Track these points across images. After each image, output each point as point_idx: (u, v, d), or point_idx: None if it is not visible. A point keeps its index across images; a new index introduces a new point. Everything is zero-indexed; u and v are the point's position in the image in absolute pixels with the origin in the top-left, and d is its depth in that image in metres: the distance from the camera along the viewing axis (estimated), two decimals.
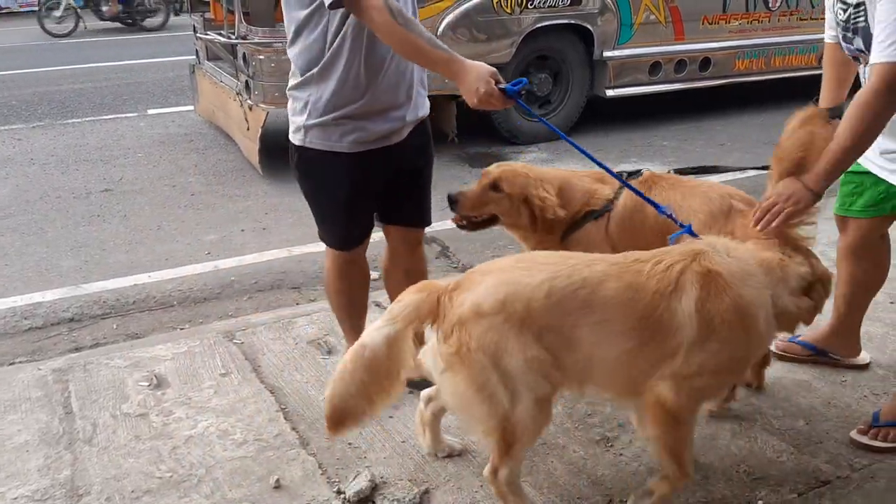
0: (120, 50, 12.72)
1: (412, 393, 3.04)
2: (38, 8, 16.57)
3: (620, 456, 2.68)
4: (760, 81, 8.09)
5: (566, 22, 6.95)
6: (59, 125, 7.96)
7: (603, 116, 7.64)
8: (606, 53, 7.20)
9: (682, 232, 2.49)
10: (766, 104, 8.08)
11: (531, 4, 6.71)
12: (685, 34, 7.50)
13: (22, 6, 19.47)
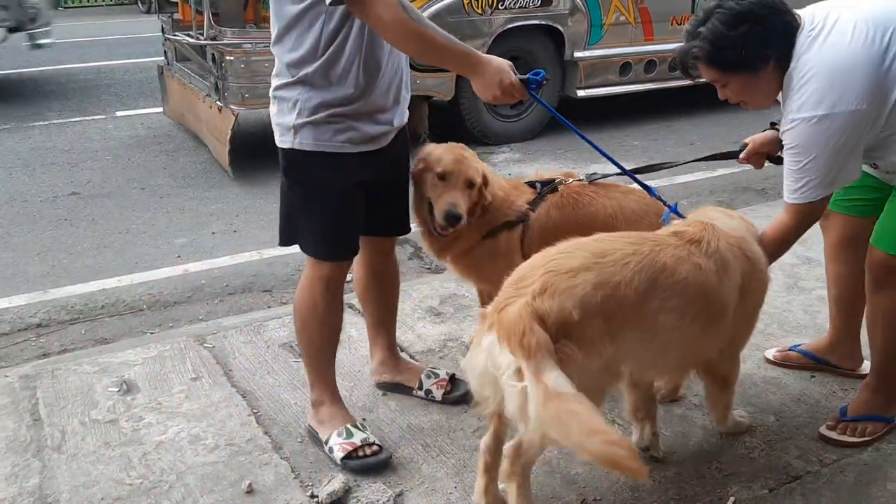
0: (87, 51, 12.55)
1: (385, 395, 3.05)
2: None
3: None
4: None
5: (537, 23, 6.99)
6: (24, 128, 7.81)
7: (574, 117, 7.64)
8: (577, 54, 7.26)
9: (669, 212, 2.72)
10: None
11: (502, 5, 6.74)
12: (654, 34, 7.59)
13: None
